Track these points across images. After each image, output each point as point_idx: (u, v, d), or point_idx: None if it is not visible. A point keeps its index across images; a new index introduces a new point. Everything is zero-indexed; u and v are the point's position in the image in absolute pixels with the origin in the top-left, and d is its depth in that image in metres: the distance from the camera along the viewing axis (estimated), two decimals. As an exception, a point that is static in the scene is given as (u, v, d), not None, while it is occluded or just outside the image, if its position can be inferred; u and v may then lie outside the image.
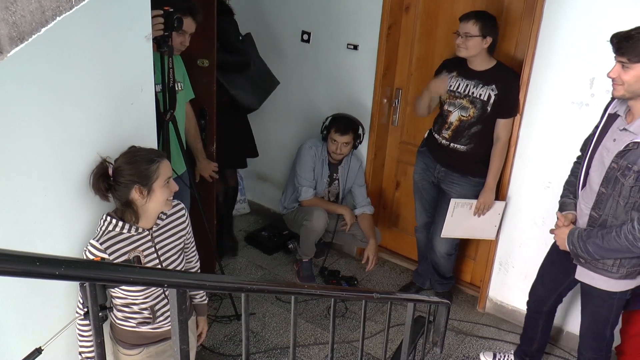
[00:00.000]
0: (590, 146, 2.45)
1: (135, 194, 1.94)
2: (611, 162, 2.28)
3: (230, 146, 3.79)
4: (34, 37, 0.89)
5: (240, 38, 3.67)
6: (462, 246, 3.88)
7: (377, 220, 4.15)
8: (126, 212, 1.98)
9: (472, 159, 3.34)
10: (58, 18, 0.93)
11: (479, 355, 3.33)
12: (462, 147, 3.33)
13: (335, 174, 3.92)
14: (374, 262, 3.86)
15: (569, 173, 2.71)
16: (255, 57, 3.72)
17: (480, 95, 3.21)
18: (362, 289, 3.82)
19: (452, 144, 3.34)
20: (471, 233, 3.51)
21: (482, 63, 3.20)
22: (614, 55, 2.20)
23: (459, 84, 3.27)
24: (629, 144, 2.22)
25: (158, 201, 1.99)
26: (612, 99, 2.40)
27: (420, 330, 2.71)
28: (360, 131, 3.78)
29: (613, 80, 2.23)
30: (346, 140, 3.70)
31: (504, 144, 3.27)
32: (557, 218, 2.59)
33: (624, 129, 2.27)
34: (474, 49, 3.11)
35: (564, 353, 3.36)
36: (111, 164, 1.96)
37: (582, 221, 2.50)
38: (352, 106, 3.90)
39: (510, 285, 3.56)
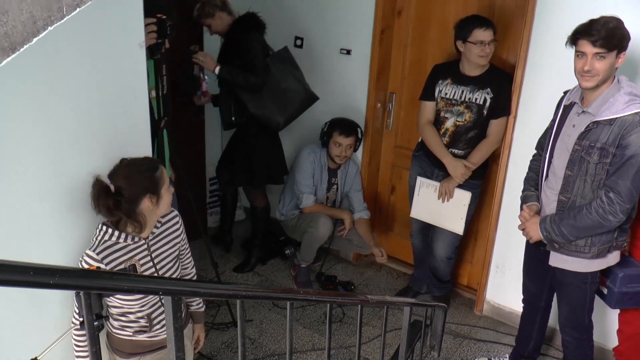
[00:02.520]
0: (550, 138, 2.57)
1: (146, 204, 1.95)
2: (574, 145, 2.42)
3: (259, 165, 3.84)
4: (25, 47, 0.89)
5: (271, 53, 3.67)
6: (458, 249, 3.88)
7: (373, 224, 4.15)
8: (128, 223, 1.96)
9: None
10: (49, 28, 0.94)
11: None
12: (460, 152, 3.34)
13: (334, 179, 3.92)
14: (385, 255, 3.88)
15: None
16: (284, 74, 3.63)
17: (476, 99, 3.22)
18: (358, 293, 3.81)
19: (450, 150, 3.35)
20: (437, 220, 3.49)
21: (478, 68, 3.21)
22: None
23: (455, 91, 3.27)
24: (589, 124, 2.36)
25: (165, 204, 2.03)
26: (564, 93, 2.59)
27: (418, 334, 2.70)
28: (359, 134, 3.79)
29: (587, 72, 2.34)
30: (350, 142, 3.71)
31: (491, 143, 3.30)
32: (523, 210, 2.69)
33: (583, 112, 2.41)
34: (491, 53, 3.14)
35: (559, 353, 3.36)
36: (105, 180, 1.95)
37: (550, 208, 2.60)
38: (346, 111, 3.91)
39: (507, 288, 3.56)
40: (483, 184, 3.61)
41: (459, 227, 3.43)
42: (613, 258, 2.59)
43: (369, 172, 4.06)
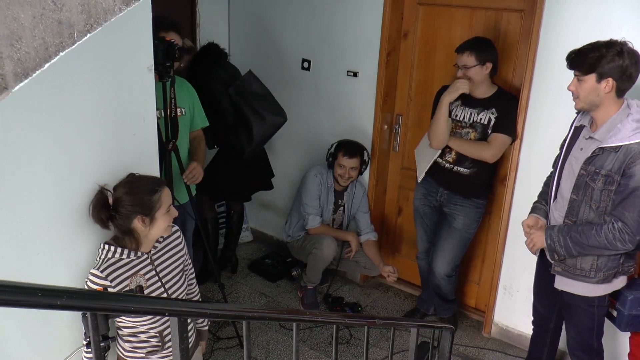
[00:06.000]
0: (560, 159, 2.58)
1: (137, 223, 1.96)
2: (580, 169, 2.42)
3: (216, 181, 3.89)
4: (37, 72, 0.91)
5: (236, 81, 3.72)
6: (465, 271, 3.86)
7: (380, 246, 4.14)
8: (126, 239, 2.00)
9: (475, 181, 3.36)
10: (61, 53, 0.96)
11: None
12: (465, 170, 3.34)
13: (340, 201, 3.93)
14: (397, 272, 3.84)
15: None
16: (245, 105, 3.68)
17: (481, 119, 3.24)
18: (365, 314, 3.79)
19: (455, 167, 3.36)
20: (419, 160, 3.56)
21: (485, 90, 3.22)
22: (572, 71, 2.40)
23: (464, 114, 3.29)
24: (595, 150, 2.36)
25: (160, 228, 2.02)
26: (577, 114, 2.60)
27: (425, 356, 2.68)
28: (365, 157, 3.80)
29: (572, 93, 2.42)
30: (353, 165, 3.72)
31: (483, 145, 3.23)
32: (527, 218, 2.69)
33: (590, 137, 2.43)
34: (476, 77, 3.14)
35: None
36: (110, 191, 1.98)
37: None
38: (353, 133, 3.93)
39: (516, 310, 3.54)
40: (490, 205, 3.61)
41: (419, 171, 3.50)
42: (619, 282, 2.57)
43: (375, 194, 4.06)
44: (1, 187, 1.71)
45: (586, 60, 2.31)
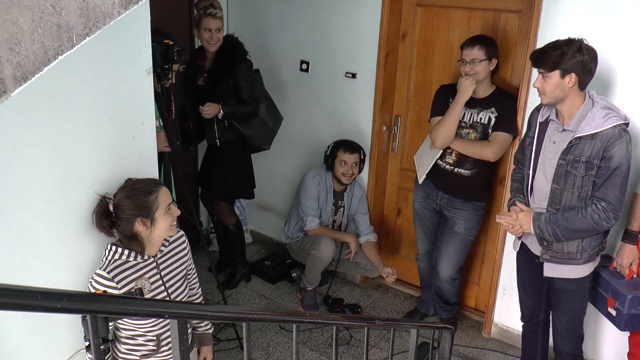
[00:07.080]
0: (531, 155, 2.66)
1: (138, 226, 1.97)
2: (559, 160, 2.52)
3: (234, 180, 3.88)
4: (36, 76, 0.92)
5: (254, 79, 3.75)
6: (465, 271, 3.86)
7: (380, 247, 4.14)
8: (131, 243, 2.00)
9: (476, 183, 3.36)
10: (60, 57, 0.96)
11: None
12: (466, 171, 3.33)
13: (340, 201, 3.93)
14: (396, 273, 3.85)
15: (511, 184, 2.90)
16: (263, 96, 3.78)
17: (481, 119, 3.24)
18: (365, 316, 3.79)
19: (456, 169, 3.35)
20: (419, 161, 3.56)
21: (485, 89, 3.22)
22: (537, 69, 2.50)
23: (465, 114, 3.27)
24: (571, 140, 2.47)
25: (162, 229, 2.02)
26: (532, 111, 2.75)
27: (425, 357, 2.69)
28: (362, 155, 3.81)
29: (538, 90, 2.53)
30: (355, 160, 3.74)
31: (484, 144, 3.23)
32: (515, 206, 2.70)
33: (563, 130, 2.53)
34: (483, 72, 3.15)
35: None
36: (110, 199, 1.98)
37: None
38: (351, 134, 3.93)
39: (515, 310, 3.52)
40: (490, 205, 3.61)
41: (420, 173, 3.49)
42: (598, 259, 2.72)
43: (375, 195, 4.07)
44: (0, 190, 1.71)
45: (549, 58, 2.42)
